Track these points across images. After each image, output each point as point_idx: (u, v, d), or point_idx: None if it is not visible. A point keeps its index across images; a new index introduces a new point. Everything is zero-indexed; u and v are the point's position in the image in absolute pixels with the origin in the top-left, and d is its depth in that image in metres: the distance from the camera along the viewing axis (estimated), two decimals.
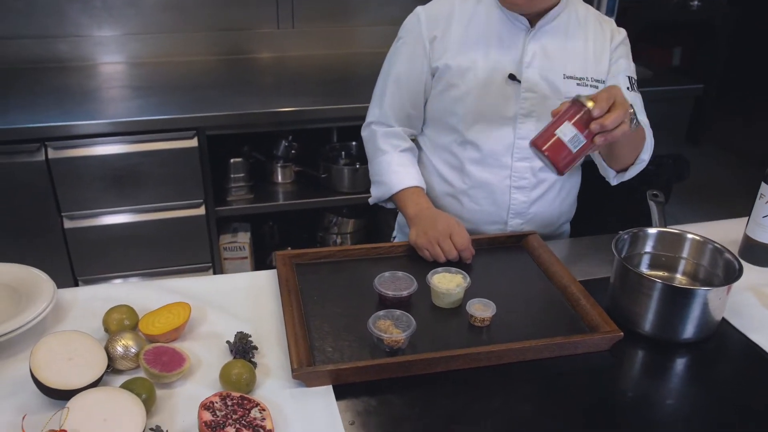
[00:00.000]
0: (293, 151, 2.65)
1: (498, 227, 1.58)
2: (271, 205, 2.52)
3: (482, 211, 1.56)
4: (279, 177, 2.65)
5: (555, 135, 1.15)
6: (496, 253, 1.48)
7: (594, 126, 1.14)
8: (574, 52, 1.47)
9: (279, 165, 2.63)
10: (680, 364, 1.21)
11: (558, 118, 1.17)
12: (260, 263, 2.66)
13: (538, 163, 1.51)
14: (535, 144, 1.18)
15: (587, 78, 1.48)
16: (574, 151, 1.16)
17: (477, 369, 1.14)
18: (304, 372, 1.07)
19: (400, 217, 1.75)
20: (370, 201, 1.59)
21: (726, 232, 1.65)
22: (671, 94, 3.03)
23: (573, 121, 1.15)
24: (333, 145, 2.78)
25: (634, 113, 1.24)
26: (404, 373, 1.11)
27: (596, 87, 1.48)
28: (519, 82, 1.44)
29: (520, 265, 1.44)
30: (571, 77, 1.47)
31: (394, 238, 1.79)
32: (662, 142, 3.17)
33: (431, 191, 1.59)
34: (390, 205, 1.61)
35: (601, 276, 1.42)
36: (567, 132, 1.14)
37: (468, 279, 1.30)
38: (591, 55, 1.49)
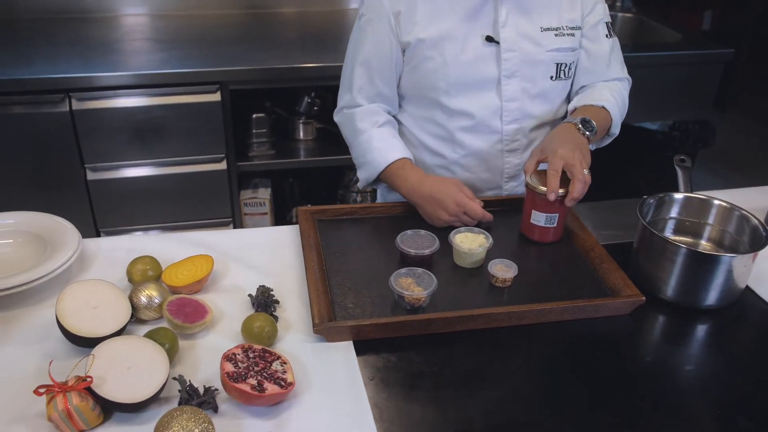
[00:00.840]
0: (315, 108, 2.63)
1: (494, 192, 1.56)
2: (292, 162, 2.51)
3: (476, 178, 1.54)
4: (301, 133, 2.64)
5: (532, 224, 1.35)
6: (518, 214, 1.46)
7: (565, 208, 1.32)
8: (547, 3, 1.44)
9: (301, 121, 2.62)
10: (701, 330, 1.20)
11: (525, 210, 1.36)
12: (280, 219, 2.66)
13: (528, 124, 1.49)
14: (525, 234, 1.38)
15: (563, 27, 1.45)
16: (555, 224, 1.34)
17: (497, 329, 1.14)
18: (325, 327, 1.07)
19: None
20: (359, 185, 1.57)
21: (754, 200, 1.61)
22: (700, 58, 2.95)
23: (538, 208, 1.33)
24: None
25: (583, 125, 1.37)
26: (424, 331, 1.11)
27: (572, 35, 1.46)
28: (497, 43, 1.41)
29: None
30: (548, 29, 1.44)
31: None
32: (689, 107, 3.13)
33: (421, 166, 1.55)
34: (383, 188, 1.57)
35: (624, 240, 1.40)
36: (540, 218, 1.34)
37: (491, 239, 1.29)
38: (564, 2, 1.45)
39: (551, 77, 1.47)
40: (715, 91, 3.16)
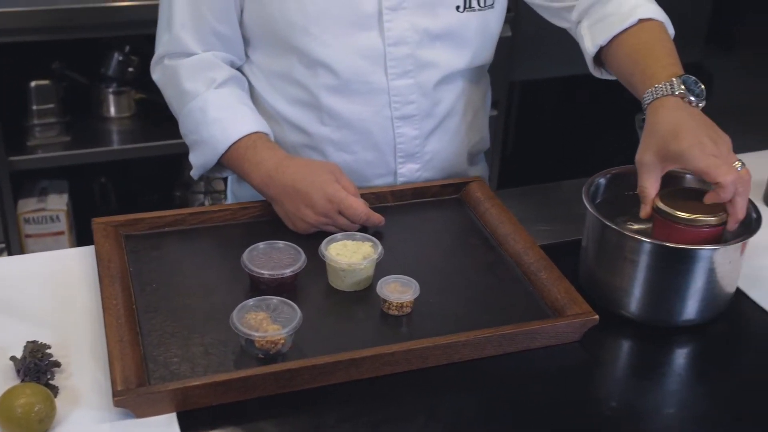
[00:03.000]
0: (131, 69, 2.60)
1: (385, 180, 1.58)
2: (100, 152, 2.49)
3: (358, 161, 1.55)
4: (112, 109, 2.61)
5: None
6: (422, 209, 1.49)
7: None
8: None
9: (110, 90, 2.59)
10: (680, 356, 1.26)
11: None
12: (86, 240, 2.60)
13: (427, 78, 1.51)
14: None
15: None
16: None
17: (392, 377, 1.15)
18: (133, 396, 1.06)
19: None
20: (193, 174, 1.55)
21: (751, 171, 1.71)
22: None
23: (685, 240, 1.24)
24: None
25: (691, 92, 1.30)
26: (285, 388, 1.11)
27: None
28: None
29: (456, 225, 1.46)
30: None
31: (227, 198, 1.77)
32: (677, 48, 3.27)
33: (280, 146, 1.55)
34: (233, 179, 1.57)
35: (571, 238, 1.45)
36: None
37: (380, 248, 1.31)
38: None
39: (458, 7, 1.50)
40: (707, 21, 3.32)
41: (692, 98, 1.29)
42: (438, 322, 1.23)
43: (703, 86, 1.31)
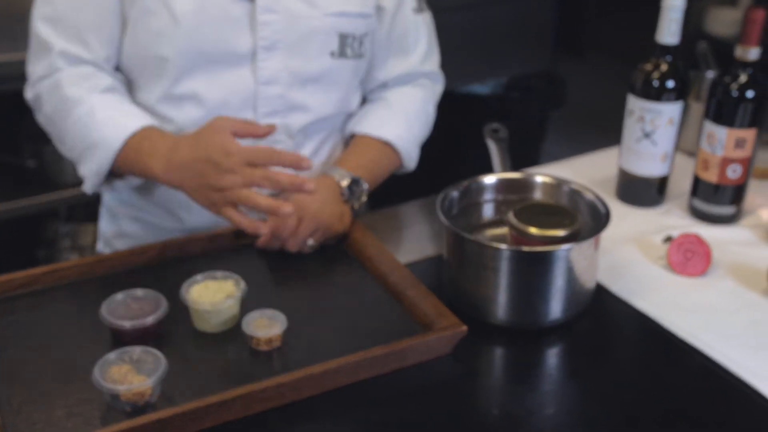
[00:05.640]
0: None
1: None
2: None
3: None
4: None
5: None
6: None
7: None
8: None
9: None
10: (552, 356, 1.30)
11: None
12: None
13: (296, 120, 1.53)
14: None
15: None
16: None
17: (265, 414, 1.14)
18: None
19: (103, 225, 1.70)
20: (87, 189, 1.51)
21: (600, 168, 1.77)
22: None
23: None
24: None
25: (350, 190, 1.49)
26: None
27: None
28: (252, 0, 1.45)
29: (321, 253, 1.47)
30: None
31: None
32: (525, 57, 3.34)
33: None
34: (127, 184, 1.52)
35: (435, 254, 1.48)
36: None
37: (243, 284, 1.30)
38: None
39: (332, 53, 1.51)
40: (553, 28, 3.42)
41: (345, 192, 1.49)
42: (310, 352, 1.23)
43: (365, 188, 1.52)
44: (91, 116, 1.43)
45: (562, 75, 3.57)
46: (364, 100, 1.68)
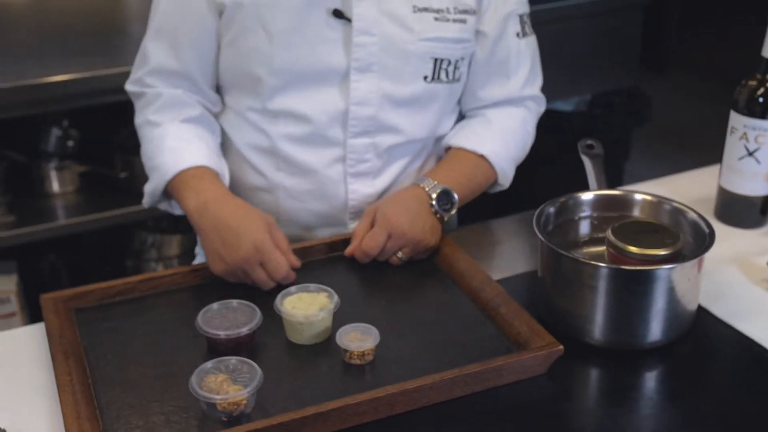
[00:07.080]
0: (71, 143, 2.57)
1: (333, 231, 1.59)
2: (47, 228, 2.44)
3: (307, 210, 1.56)
4: (55, 184, 2.57)
5: None
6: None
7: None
8: None
9: (52, 166, 2.55)
10: (650, 380, 1.26)
11: None
12: (38, 319, 2.56)
13: (385, 140, 1.53)
14: None
15: (448, 9, 1.49)
16: None
17: (360, 428, 1.13)
18: None
19: None
20: (144, 203, 1.55)
21: (697, 187, 1.73)
22: (613, 3, 3.14)
23: None
24: (133, 128, 2.72)
25: (438, 202, 1.48)
26: None
27: (462, 21, 1.51)
28: (349, 21, 1.45)
29: (411, 267, 1.46)
30: (425, 9, 1.48)
31: (196, 257, 1.77)
32: (609, 74, 3.31)
33: (238, 187, 1.58)
34: (178, 210, 1.56)
35: (527, 269, 1.46)
36: None
37: (336, 298, 1.30)
38: None
39: (425, 77, 1.51)
40: (639, 45, 3.38)
41: (434, 203, 1.48)
42: (402, 368, 1.22)
43: (456, 199, 1.50)
44: (161, 141, 1.50)
45: (646, 92, 3.52)
46: (463, 116, 1.67)
